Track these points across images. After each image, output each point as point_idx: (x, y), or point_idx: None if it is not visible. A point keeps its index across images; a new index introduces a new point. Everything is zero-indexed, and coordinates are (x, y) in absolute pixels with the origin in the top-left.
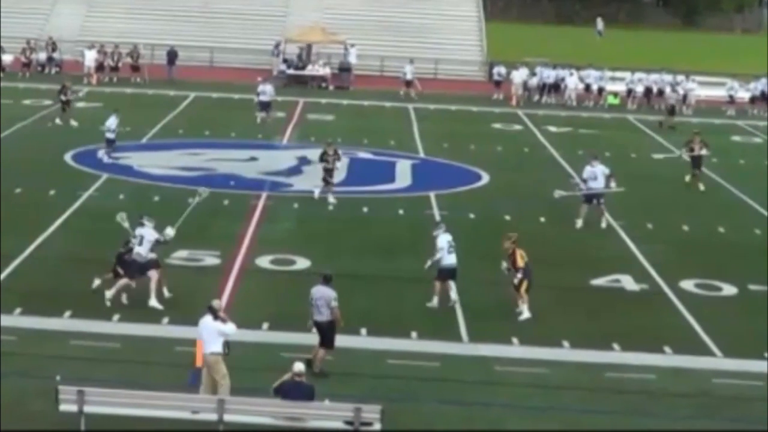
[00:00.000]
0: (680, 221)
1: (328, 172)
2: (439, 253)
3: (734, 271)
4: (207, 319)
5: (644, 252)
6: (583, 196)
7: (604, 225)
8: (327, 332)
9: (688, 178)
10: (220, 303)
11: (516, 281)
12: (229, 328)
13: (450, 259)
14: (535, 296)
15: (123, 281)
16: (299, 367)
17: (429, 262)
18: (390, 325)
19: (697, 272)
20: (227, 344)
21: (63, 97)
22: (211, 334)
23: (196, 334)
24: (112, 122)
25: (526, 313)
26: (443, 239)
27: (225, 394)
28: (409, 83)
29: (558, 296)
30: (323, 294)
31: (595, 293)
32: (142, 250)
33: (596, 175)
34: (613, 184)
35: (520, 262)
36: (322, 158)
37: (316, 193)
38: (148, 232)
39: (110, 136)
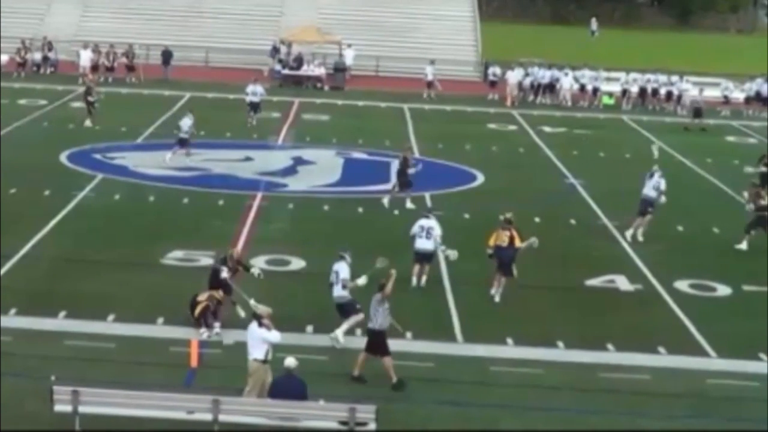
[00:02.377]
0: (675, 221)
1: (404, 177)
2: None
3: (728, 271)
4: (252, 326)
5: (639, 252)
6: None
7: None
8: (380, 340)
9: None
10: (266, 309)
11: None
12: (273, 335)
13: (421, 243)
14: (529, 296)
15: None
16: (290, 361)
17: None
18: None
19: (691, 272)
20: (268, 352)
21: (90, 98)
22: (256, 341)
23: (190, 334)
24: (185, 123)
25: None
26: (417, 224)
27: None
28: (430, 84)
29: (552, 296)
30: (377, 302)
31: (590, 293)
32: (341, 291)
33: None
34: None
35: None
36: (403, 167)
37: (386, 201)
38: (343, 269)
39: (183, 136)
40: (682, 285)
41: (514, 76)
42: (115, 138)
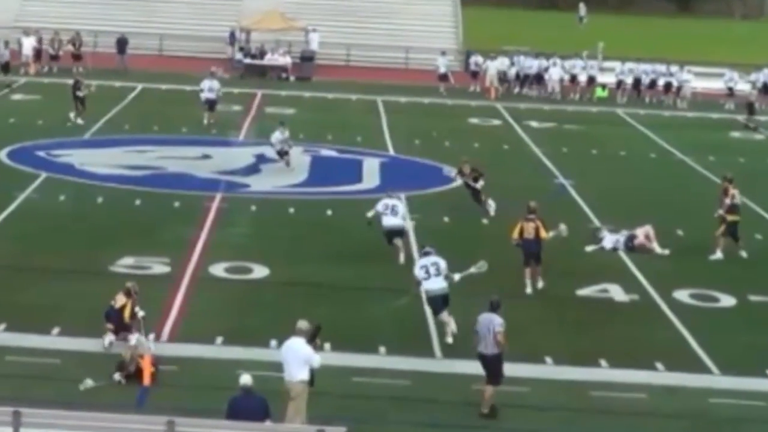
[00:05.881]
0: (674, 225)
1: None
2: (372, 212)
3: (733, 280)
4: (296, 342)
5: (634, 259)
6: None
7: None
8: (491, 365)
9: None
10: (306, 324)
11: None
12: (318, 359)
13: (389, 221)
14: (515, 308)
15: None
16: (247, 379)
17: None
18: (356, 339)
19: (692, 281)
20: (312, 373)
21: (79, 93)
22: (299, 360)
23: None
24: (277, 137)
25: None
26: (380, 203)
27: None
28: (443, 77)
29: (540, 308)
30: (490, 321)
31: (581, 304)
32: (443, 283)
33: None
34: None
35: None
36: (470, 182)
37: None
38: (441, 261)
39: (279, 148)
40: (682, 295)
41: (493, 66)
42: (60, 134)
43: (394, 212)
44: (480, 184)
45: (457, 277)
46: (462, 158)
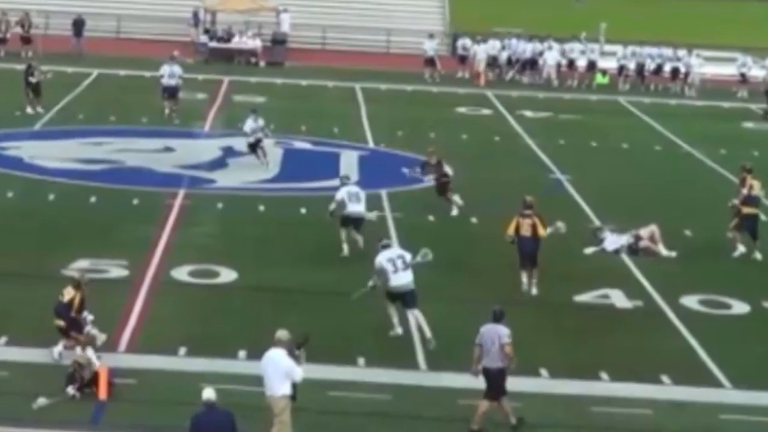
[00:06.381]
0: (681, 225)
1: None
2: (334, 204)
3: (746, 285)
4: (276, 354)
5: (638, 262)
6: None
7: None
8: (496, 380)
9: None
10: (286, 333)
11: None
12: (300, 372)
13: (354, 207)
14: (507, 315)
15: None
16: (209, 393)
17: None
18: (332, 350)
19: (701, 286)
20: (295, 386)
21: (31, 80)
22: (279, 373)
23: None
24: (251, 125)
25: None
26: (342, 191)
27: None
28: (430, 61)
29: (535, 315)
30: (495, 333)
31: (580, 312)
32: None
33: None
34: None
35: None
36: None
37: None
38: (406, 253)
39: (250, 140)
40: (691, 301)
41: (482, 51)
42: (7, 124)
43: (358, 199)
44: (448, 170)
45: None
46: (428, 148)
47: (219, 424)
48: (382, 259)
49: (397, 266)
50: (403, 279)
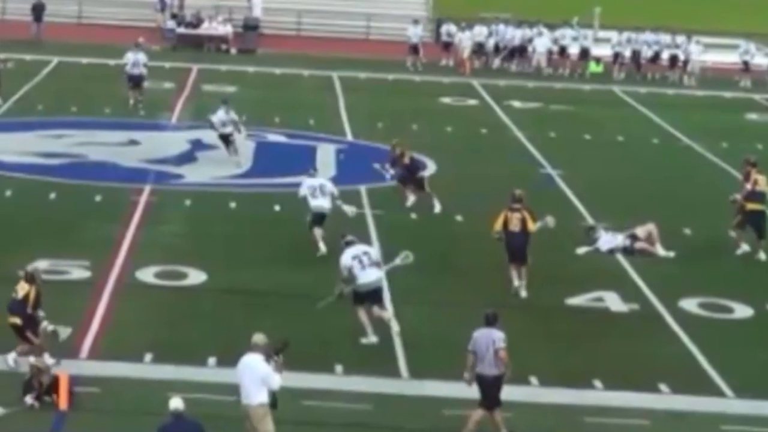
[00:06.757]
0: (680, 223)
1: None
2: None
3: (749, 287)
4: (253, 359)
5: (634, 263)
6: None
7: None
8: (491, 388)
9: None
10: (263, 338)
11: None
12: (277, 380)
13: (317, 202)
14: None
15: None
16: (177, 403)
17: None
18: (308, 356)
19: (701, 289)
20: (273, 394)
21: None
22: (256, 381)
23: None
24: (220, 117)
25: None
26: (305, 185)
27: None
28: (414, 48)
29: (525, 319)
30: (489, 338)
31: (572, 316)
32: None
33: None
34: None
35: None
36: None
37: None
38: (372, 249)
39: (223, 130)
40: (690, 304)
41: (467, 38)
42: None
43: (323, 192)
44: (424, 174)
45: (383, 269)
46: (393, 141)
47: None
48: (347, 257)
49: (363, 263)
50: (372, 275)
